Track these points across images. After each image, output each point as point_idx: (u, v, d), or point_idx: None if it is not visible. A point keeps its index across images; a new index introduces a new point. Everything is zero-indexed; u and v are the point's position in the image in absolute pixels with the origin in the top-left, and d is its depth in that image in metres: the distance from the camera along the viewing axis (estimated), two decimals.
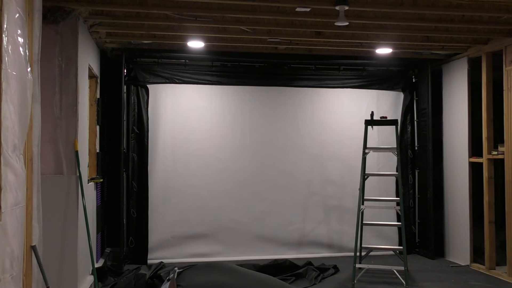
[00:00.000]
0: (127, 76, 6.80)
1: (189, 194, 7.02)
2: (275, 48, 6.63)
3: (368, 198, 6.22)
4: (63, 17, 4.72)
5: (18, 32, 3.21)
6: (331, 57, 7.00)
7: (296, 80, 7.36)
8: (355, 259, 5.87)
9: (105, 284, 5.50)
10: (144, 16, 5.28)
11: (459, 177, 6.83)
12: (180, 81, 7.03)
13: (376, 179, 7.12)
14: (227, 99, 7.23)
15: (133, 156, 6.88)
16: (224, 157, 7.15)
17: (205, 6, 4.91)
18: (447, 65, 7.14)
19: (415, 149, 7.61)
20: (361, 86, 7.49)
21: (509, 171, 5.81)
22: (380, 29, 5.71)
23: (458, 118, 6.84)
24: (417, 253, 7.39)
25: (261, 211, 7.20)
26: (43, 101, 3.98)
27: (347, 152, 7.35)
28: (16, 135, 3.13)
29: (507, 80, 5.84)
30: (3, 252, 2.90)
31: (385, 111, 7.34)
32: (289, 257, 6.65)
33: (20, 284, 3.25)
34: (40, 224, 3.66)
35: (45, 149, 4.44)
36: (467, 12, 5.12)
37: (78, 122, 4.83)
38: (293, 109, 7.37)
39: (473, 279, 6.00)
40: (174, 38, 6.10)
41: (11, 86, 3.01)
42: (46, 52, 4.38)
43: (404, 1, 4.94)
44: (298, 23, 5.57)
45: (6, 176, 2.95)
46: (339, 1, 4.56)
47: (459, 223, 6.82)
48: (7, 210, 2.96)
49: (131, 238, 6.81)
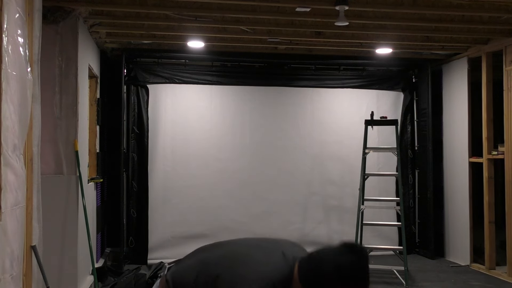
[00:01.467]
0: (127, 76, 6.80)
1: (189, 194, 7.01)
2: (275, 48, 6.63)
3: (368, 198, 6.22)
4: (63, 17, 4.72)
5: (18, 32, 3.21)
6: (331, 57, 7.00)
7: (296, 80, 7.36)
8: None
9: (105, 284, 5.50)
10: (144, 16, 5.28)
11: (459, 177, 6.83)
12: (180, 81, 7.03)
13: (376, 179, 7.11)
14: (227, 99, 7.23)
15: (133, 156, 6.88)
16: (224, 157, 7.14)
17: (205, 6, 4.91)
18: (447, 65, 7.14)
19: (415, 149, 7.61)
20: (361, 86, 7.49)
21: (509, 171, 5.81)
22: (380, 29, 5.71)
23: (458, 118, 6.84)
24: (417, 253, 7.39)
25: (261, 211, 7.20)
26: (43, 101, 3.97)
27: (347, 152, 7.35)
28: (16, 135, 3.13)
29: (507, 80, 5.84)
30: (3, 252, 2.90)
31: (385, 111, 7.34)
32: None
33: (20, 284, 3.25)
34: (40, 224, 3.66)
35: (45, 149, 4.43)
36: (467, 12, 5.12)
37: (78, 122, 4.83)
38: (293, 109, 7.37)
39: (473, 279, 6.00)
40: (174, 38, 6.10)
41: (11, 86, 3.01)
42: (46, 52, 4.38)
43: (404, 1, 4.94)
44: (298, 23, 5.56)
45: (6, 176, 2.95)
46: (339, 1, 4.56)
47: (459, 223, 6.82)
48: (7, 210, 2.96)
49: (131, 238, 6.81)
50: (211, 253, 2.04)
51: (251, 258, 1.89)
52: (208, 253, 2.05)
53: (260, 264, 1.85)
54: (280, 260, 1.88)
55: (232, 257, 1.93)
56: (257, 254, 1.91)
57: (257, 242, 2.04)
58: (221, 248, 2.06)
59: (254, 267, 1.84)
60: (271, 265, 1.85)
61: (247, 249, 1.98)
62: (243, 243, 2.07)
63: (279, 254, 1.90)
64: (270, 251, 1.92)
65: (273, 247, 1.95)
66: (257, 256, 1.90)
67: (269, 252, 1.92)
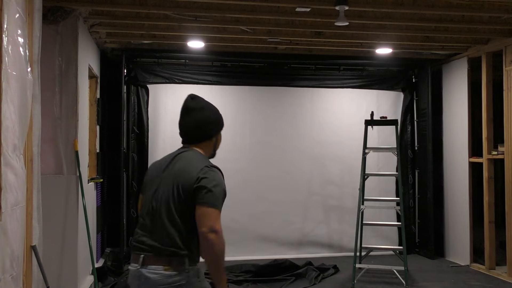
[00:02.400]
0: (127, 76, 6.80)
1: None
2: (275, 48, 6.63)
3: (368, 198, 6.21)
4: (63, 17, 4.72)
5: (18, 32, 3.21)
6: (331, 57, 7.00)
7: (296, 80, 7.36)
8: (355, 259, 5.87)
9: (105, 284, 5.50)
10: (144, 16, 5.28)
11: (459, 177, 6.83)
12: (180, 81, 7.02)
13: (376, 179, 7.11)
14: (227, 99, 7.22)
15: (133, 156, 6.87)
16: (224, 157, 7.07)
17: (205, 6, 4.91)
18: (447, 65, 7.14)
19: (415, 149, 7.61)
20: (361, 86, 7.49)
21: (509, 171, 5.81)
22: (380, 29, 5.71)
23: (458, 118, 6.84)
24: (417, 253, 7.39)
25: (261, 211, 7.20)
26: (43, 101, 3.97)
27: (347, 152, 7.35)
28: (16, 135, 3.13)
29: (507, 80, 5.84)
30: (3, 252, 2.90)
31: (385, 111, 7.34)
32: (289, 257, 6.64)
33: (20, 284, 3.25)
34: (40, 224, 3.66)
35: (45, 149, 4.43)
36: (467, 12, 5.12)
37: (78, 122, 4.83)
38: (293, 109, 7.37)
39: (473, 279, 6.00)
40: (174, 38, 6.09)
41: (11, 86, 3.02)
42: (46, 52, 4.38)
43: (404, 1, 4.94)
44: (298, 23, 5.57)
45: (6, 176, 2.95)
46: (339, 1, 4.56)
47: (459, 223, 6.82)
48: (7, 210, 2.96)
49: (131, 238, 6.79)
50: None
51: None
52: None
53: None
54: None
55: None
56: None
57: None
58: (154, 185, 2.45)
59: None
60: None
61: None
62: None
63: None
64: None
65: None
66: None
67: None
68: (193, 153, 2.45)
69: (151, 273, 2.26)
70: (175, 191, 2.31)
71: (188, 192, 2.29)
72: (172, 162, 2.44)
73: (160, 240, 2.29)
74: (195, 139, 2.50)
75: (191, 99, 2.51)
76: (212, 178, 2.31)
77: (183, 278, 2.25)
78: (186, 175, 2.32)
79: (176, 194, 2.31)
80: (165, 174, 2.40)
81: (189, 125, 2.50)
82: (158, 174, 2.44)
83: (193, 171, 2.32)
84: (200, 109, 2.48)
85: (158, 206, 2.34)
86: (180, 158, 2.44)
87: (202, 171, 2.31)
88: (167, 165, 2.44)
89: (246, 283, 5.69)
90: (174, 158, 2.46)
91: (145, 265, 2.28)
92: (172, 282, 2.24)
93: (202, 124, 2.48)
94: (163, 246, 2.27)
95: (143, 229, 2.39)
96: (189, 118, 2.49)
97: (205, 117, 2.48)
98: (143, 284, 2.28)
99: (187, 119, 2.50)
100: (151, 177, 2.48)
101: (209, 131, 2.50)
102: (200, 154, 2.46)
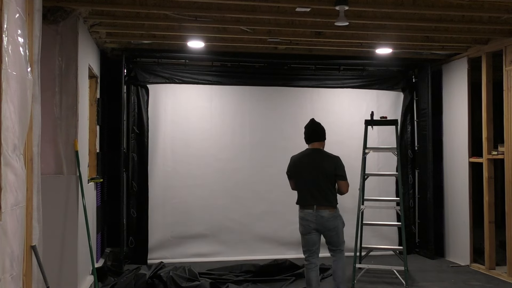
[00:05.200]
0: (127, 76, 6.80)
1: (189, 194, 7.02)
2: (275, 48, 6.63)
3: (368, 198, 6.22)
4: (63, 17, 4.72)
5: (18, 32, 3.21)
6: (331, 57, 7.00)
7: (296, 80, 7.36)
8: (355, 259, 5.87)
9: (105, 284, 5.50)
10: (144, 16, 5.29)
11: (459, 177, 6.83)
12: (180, 81, 7.03)
13: (376, 179, 7.12)
14: (227, 99, 7.23)
15: (133, 156, 6.88)
16: (224, 157, 7.14)
17: (205, 6, 4.91)
18: (447, 65, 7.14)
19: (415, 149, 7.61)
20: (361, 86, 7.49)
21: (509, 171, 5.81)
22: (380, 29, 5.71)
23: (458, 118, 6.84)
24: (417, 253, 7.39)
25: (261, 211, 7.20)
26: (43, 101, 3.97)
27: (347, 152, 7.29)
28: (16, 135, 3.13)
29: (507, 80, 5.84)
30: (3, 252, 2.90)
31: (385, 111, 7.34)
32: (289, 257, 6.64)
33: (20, 284, 3.25)
34: (40, 224, 3.66)
35: (45, 149, 4.44)
36: (467, 12, 5.12)
37: (78, 122, 4.83)
38: (293, 109, 7.37)
39: (473, 279, 6.00)
40: (174, 38, 6.10)
41: (11, 86, 3.01)
42: (46, 52, 4.39)
43: (404, 1, 4.94)
44: (298, 23, 5.57)
45: (6, 176, 2.95)
46: (339, 1, 4.56)
47: (459, 223, 6.82)
48: (7, 210, 2.96)
49: (131, 238, 6.81)
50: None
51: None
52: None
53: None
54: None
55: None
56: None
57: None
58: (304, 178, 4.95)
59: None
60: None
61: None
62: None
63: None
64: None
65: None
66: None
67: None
68: (321, 150, 4.94)
69: (322, 213, 4.72)
70: (325, 172, 4.77)
71: (331, 172, 4.78)
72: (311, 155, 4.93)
73: (326, 197, 4.73)
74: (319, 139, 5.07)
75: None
76: (340, 164, 4.86)
77: (336, 215, 4.77)
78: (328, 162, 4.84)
79: (326, 174, 4.77)
80: (312, 164, 4.84)
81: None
82: (308, 163, 4.86)
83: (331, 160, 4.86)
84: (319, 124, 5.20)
85: (319, 180, 4.75)
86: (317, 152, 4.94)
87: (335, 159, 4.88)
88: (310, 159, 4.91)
89: (246, 283, 5.70)
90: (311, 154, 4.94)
91: (318, 210, 4.72)
92: (332, 216, 4.74)
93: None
94: (327, 200, 4.73)
95: (311, 194, 4.76)
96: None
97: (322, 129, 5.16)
98: (319, 219, 4.73)
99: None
100: (301, 165, 4.90)
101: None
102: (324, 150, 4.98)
